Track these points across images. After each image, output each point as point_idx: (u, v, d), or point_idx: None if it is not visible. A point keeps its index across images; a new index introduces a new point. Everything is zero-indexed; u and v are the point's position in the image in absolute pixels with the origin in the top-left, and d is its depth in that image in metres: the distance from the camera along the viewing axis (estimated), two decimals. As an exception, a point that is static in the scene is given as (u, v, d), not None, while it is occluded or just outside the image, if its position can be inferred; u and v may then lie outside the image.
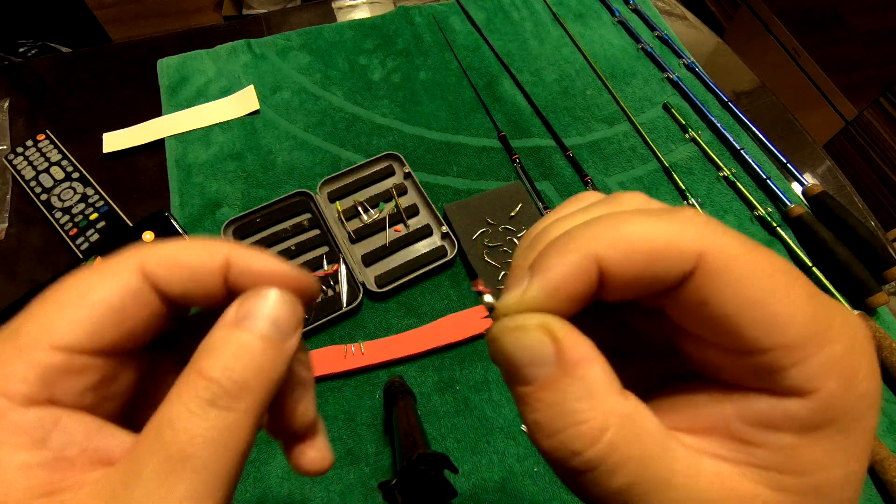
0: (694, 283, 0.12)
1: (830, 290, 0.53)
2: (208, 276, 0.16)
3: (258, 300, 0.15)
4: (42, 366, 0.13)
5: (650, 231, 0.13)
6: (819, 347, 0.12)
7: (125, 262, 0.15)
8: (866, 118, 1.30)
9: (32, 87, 0.69)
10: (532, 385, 0.13)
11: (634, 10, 0.78)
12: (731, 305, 0.12)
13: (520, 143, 0.64)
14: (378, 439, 0.46)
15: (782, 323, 0.12)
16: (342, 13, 0.77)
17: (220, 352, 0.14)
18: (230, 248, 0.16)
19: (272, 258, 0.16)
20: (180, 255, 0.16)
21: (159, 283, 0.15)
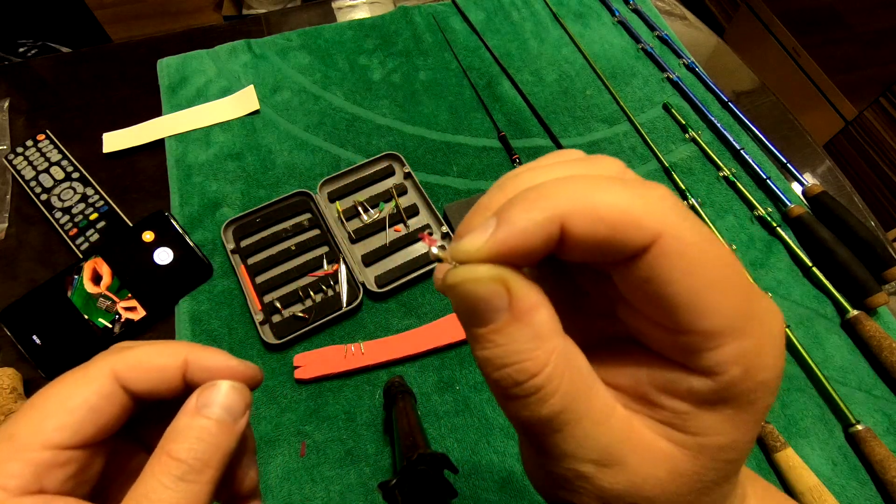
0: (646, 260, 0.13)
1: (830, 290, 0.53)
2: (170, 375, 0.20)
3: (213, 391, 0.19)
4: (35, 463, 0.17)
5: (618, 202, 0.13)
6: (734, 339, 0.13)
7: (99, 368, 0.19)
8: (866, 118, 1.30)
9: (32, 87, 0.69)
10: (485, 327, 0.14)
11: (634, 10, 0.78)
12: (674, 288, 0.13)
13: (520, 143, 0.64)
14: (378, 439, 0.46)
15: (712, 312, 0.13)
16: (342, 13, 0.77)
17: (185, 436, 0.18)
18: (188, 351, 0.20)
19: (222, 356, 0.20)
20: (146, 359, 0.20)
21: (128, 384, 0.19)
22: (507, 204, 0.14)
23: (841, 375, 0.50)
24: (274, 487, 0.44)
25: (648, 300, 0.14)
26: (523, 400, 0.14)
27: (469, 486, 0.44)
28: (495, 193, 0.16)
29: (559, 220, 0.13)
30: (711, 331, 0.13)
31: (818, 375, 0.49)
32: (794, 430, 0.47)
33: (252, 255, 0.54)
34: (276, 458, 0.46)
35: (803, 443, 0.47)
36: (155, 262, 0.54)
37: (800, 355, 0.50)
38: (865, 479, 0.45)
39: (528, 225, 0.13)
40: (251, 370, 0.21)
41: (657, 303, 0.13)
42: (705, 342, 0.13)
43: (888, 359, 0.49)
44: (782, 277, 0.55)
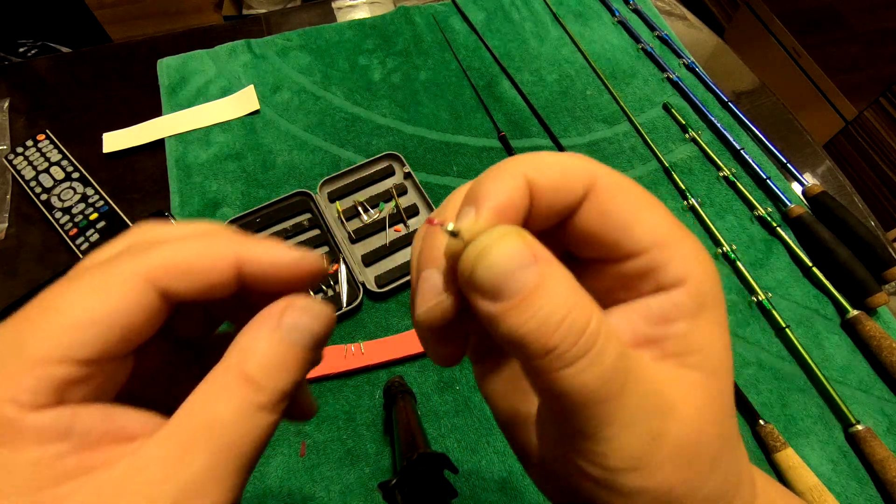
0: (592, 199, 0.15)
1: (830, 290, 0.53)
2: (220, 277, 0.16)
3: (302, 314, 0.16)
4: (50, 378, 0.14)
5: (558, 159, 0.16)
6: (680, 242, 0.15)
7: (131, 270, 0.15)
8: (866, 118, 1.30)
9: (32, 87, 0.69)
10: (521, 292, 0.13)
11: (634, 10, 0.78)
12: (620, 212, 0.15)
13: (520, 143, 0.64)
14: (378, 439, 0.46)
15: (655, 225, 0.15)
16: (342, 13, 0.77)
17: (268, 362, 0.15)
18: (239, 246, 0.16)
19: (280, 249, 0.17)
20: (189, 259, 0.16)
21: (168, 289, 0.16)
22: (475, 185, 0.15)
23: (841, 375, 0.50)
24: (274, 487, 0.44)
25: (604, 234, 0.16)
26: (580, 362, 0.13)
27: (469, 486, 0.44)
28: (454, 197, 0.17)
29: (525, 177, 0.15)
30: (662, 241, 0.15)
31: (818, 375, 0.49)
32: (794, 430, 0.47)
33: (252, 255, 0.54)
34: (276, 458, 0.46)
35: (803, 443, 0.47)
36: (155, 262, 0.54)
37: (800, 355, 0.50)
38: (865, 479, 0.45)
39: (504, 188, 0.15)
40: (316, 263, 0.18)
41: (612, 232, 0.15)
42: (662, 253, 0.15)
43: (888, 359, 0.49)
44: (782, 277, 0.55)
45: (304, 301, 0.16)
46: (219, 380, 0.15)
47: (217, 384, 0.15)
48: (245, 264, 0.16)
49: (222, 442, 0.14)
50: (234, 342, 0.16)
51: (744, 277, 0.54)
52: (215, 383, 0.15)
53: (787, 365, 0.50)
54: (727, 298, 0.54)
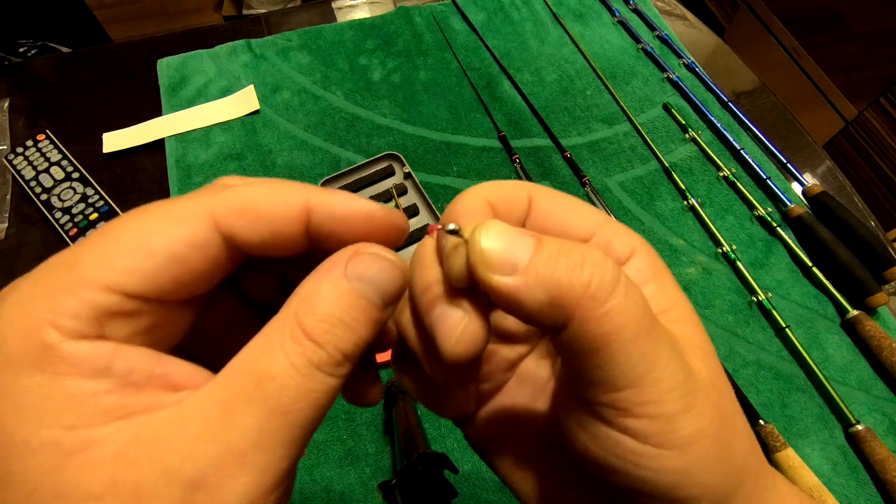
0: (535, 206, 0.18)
1: (830, 290, 0.53)
2: (287, 225, 0.15)
3: (372, 263, 0.15)
4: (94, 305, 0.13)
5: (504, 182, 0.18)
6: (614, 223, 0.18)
7: (195, 206, 0.14)
8: (866, 118, 1.30)
9: (32, 87, 0.69)
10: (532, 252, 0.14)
11: (634, 10, 0.78)
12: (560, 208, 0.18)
13: (520, 143, 0.64)
14: (378, 439, 0.46)
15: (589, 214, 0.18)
16: (342, 13, 0.77)
17: (327, 315, 0.14)
18: (310, 193, 0.15)
19: (355, 200, 0.16)
20: (257, 202, 0.15)
21: (232, 233, 0.14)
22: (447, 211, 0.17)
23: (841, 375, 0.50)
24: (274, 487, 0.44)
25: (554, 230, 0.17)
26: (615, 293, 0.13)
27: (469, 486, 0.44)
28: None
29: (483, 198, 0.17)
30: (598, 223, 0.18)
31: (818, 375, 0.49)
32: (794, 430, 0.47)
33: (252, 255, 0.54)
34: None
35: (803, 443, 0.47)
36: (155, 262, 0.54)
37: (800, 355, 0.50)
38: (865, 479, 0.45)
39: (470, 204, 0.17)
40: (395, 217, 0.16)
41: (559, 226, 0.18)
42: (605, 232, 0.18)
43: (888, 359, 0.49)
44: (782, 277, 0.55)
45: (375, 248, 0.15)
46: (274, 332, 0.14)
47: (272, 337, 0.14)
48: (315, 212, 0.15)
49: (272, 403, 0.13)
50: (295, 291, 0.14)
51: (744, 277, 0.54)
52: (270, 336, 0.14)
53: (787, 365, 0.50)
54: (727, 298, 0.54)
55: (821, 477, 0.44)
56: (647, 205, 0.60)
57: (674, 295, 0.17)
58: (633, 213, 0.59)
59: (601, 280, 0.13)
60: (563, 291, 0.13)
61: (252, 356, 0.13)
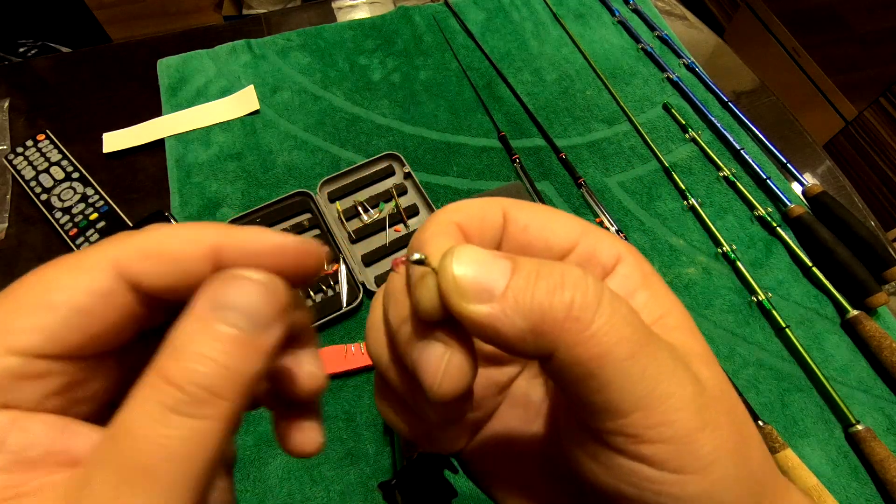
0: (511, 222, 0.17)
1: (830, 290, 0.53)
2: (194, 265, 0.14)
3: (231, 287, 0.13)
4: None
5: (476, 201, 0.17)
6: (597, 230, 0.17)
7: (96, 256, 0.14)
8: (866, 118, 1.30)
9: (32, 87, 0.69)
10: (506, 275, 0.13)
11: (634, 10, 0.78)
12: (537, 221, 0.17)
13: (520, 143, 0.64)
14: (378, 439, 0.46)
15: (569, 223, 0.17)
16: (342, 13, 0.77)
17: (184, 352, 0.12)
18: (217, 232, 0.14)
19: (264, 233, 0.15)
20: (160, 245, 0.14)
21: (137, 279, 0.14)
22: (413, 240, 0.17)
23: (841, 375, 0.50)
24: (274, 487, 0.44)
25: (534, 244, 0.17)
26: (599, 312, 0.13)
27: (469, 486, 0.44)
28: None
29: (453, 223, 0.16)
30: (580, 232, 0.17)
31: (818, 375, 0.49)
32: (794, 430, 0.47)
33: (252, 255, 0.54)
34: (276, 458, 0.46)
35: (803, 443, 0.47)
36: (155, 262, 0.54)
37: (800, 355, 0.50)
38: (865, 479, 0.45)
39: (438, 230, 0.16)
40: (309, 247, 0.15)
41: (539, 240, 0.17)
42: (588, 241, 0.17)
43: (888, 359, 0.49)
44: (782, 277, 0.55)
45: (239, 271, 0.14)
46: (139, 386, 0.12)
47: (136, 391, 0.12)
48: (224, 250, 0.14)
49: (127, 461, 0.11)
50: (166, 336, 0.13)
51: (744, 277, 0.54)
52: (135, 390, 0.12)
53: (787, 365, 0.50)
54: (727, 298, 0.54)
55: (821, 477, 0.44)
56: (647, 205, 0.60)
57: (666, 300, 0.16)
58: (633, 213, 0.59)
59: (583, 300, 0.13)
60: (544, 316, 0.13)
61: (120, 416, 0.12)
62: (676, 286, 0.54)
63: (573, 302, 0.13)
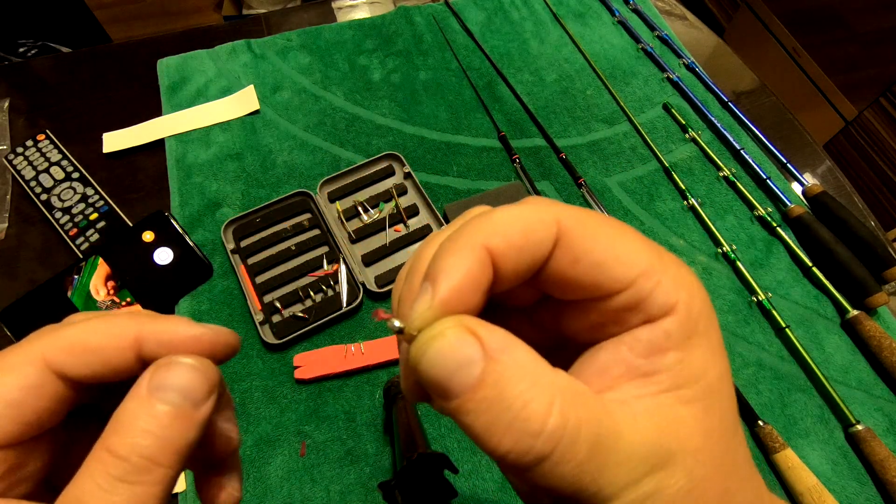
0: (562, 246, 0.14)
1: (830, 290, 0.53)
2: (118, 356, 0.16)
3: (167, 371, 0.15)
4: None
5: (516, 214, 0.15)
6: (663, 271, 0.14)
7: (24, 353, 0.15)
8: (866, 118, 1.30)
9: (32, 87, 0.69)
10: (469, 390, 0.13)
11: (634, 10, 0.78)
12: (594, 254, 0.14)
13: (520, 143, 0.64)
14: (378, 439, 0.46)
15: (634, 257, 0.14)
16: (342, 13, 0.77)
17: (129, 428, 0.14)
18: (139, 324, 0.16)
19: (183, 325, 0.17)
20: (85, 338, 0.16)
21: (64, 370, 0.15)
22: (432, 262, 0.14)
23: (841, 375, 0.50)
24: (274, 487, 0.44)
25: (582, 279, 0.14)
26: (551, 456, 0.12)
27: (469, 486, 0.44)
28: (417, 264, 0.16)
29: (484, 248, 0.14)
30: (643, 271, 0.14)
31: (818, 375, 0.49)
32: (794, 430, 0.47)
33: (252, 256, 0.54)
34: (276, 458, 0.46)
35: (803, 443, 0.47)
36: (155, 262, 0.54)
37: (800, 355, 0.50)
38: (865, 479, 0.45)
39: (462, 264, 0.14)
40: (223, 336, 0.17)
41: (590, 275, 0.14)
42: (645, 284, 0.14)
43: (888, 359, 0.49)
44: (782, 277, 0.55)
45: (175, 357, 0.16)
46: (87, 460, 0.14)
47: (85, 464, 0.14)
48: (145, 342, 0.16)
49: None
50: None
51: (744, 277, 0.54)
52: (85, 463, 0.14)
53: (787, 365, 0.50)
54: (727, 298, 0.54)
55: (821, 477, 0.44)
56: (647, 205, 0.60)
57: (699, 366, 0.14)
58: (633, 213, 0.59)
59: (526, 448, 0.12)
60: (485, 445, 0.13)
61: (68, 487, 0.14)
62: (676, 286, 0.54)
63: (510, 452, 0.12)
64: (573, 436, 0.12)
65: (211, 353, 0.17)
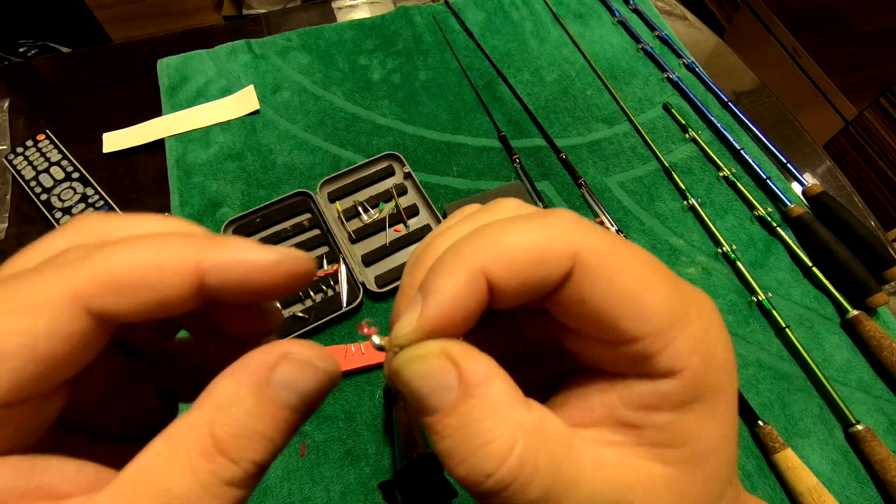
0: (573, 283, 0.13)
1: (830, 290, 0.53)
2: (174, 292, 0.13)
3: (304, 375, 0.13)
4: None
5: (529, 238, 0.13)
6: (680, 331, 0.13)
7: (56, 287, 0.12)
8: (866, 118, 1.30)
9: (32, 87, 0.69)
10: (438, 413, 0.13)
11: (634, 10, 0.78)
12: (606, 300, 0.13)
13: (520, 143, 0.64)
14: (378, 439, 0.46)
15: (649, 313, 0.13)
16: (342, 13, 0.77)
17: (249, 431, 0.12)
18: (198, 249, 0.13)
19: (252, 250, 0.13)
20: (133, 270, 0.12)
21: (104, 310, 0.12)
22: (428, 274, 0.14)
23: (841, 375, 0.50)
24: (274, 487, 0.44)
25: (588, 321, 0.13)
26: (504, 493, 0.12)
27: (469, 486, 0.44)
28: (415, 269, 0.15)
29: (481, 272, 0.13)
30: (656, 330, 0.13)
31: (818, 375, 0.49)
32: (794, 431, 0.47)
33: (252, 255, 0.54)
34: (276, 458, 0.45)
35: (803, 443, 0.47)
36: (155, 262, 0.54)
37: (800, 355, 0.50)
38: (865, 479, 0.45)
39: (454, 286, 0.13)
40: (301, 264, 0.14)
41: (596, 320, 0.13)
42: (655, 344, 0.13)
43: (888, 359, 0.49)
44: (782, 277, 0.55)
45: (305, 351, 0.13)
46: (181, 445, 0.12)
47: (178, 450, 0.12)
48: (209, 273, 0.13)
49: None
50: (207, 393, 0.12)
51: (744, 277, 0.54)
52: (176, 448, 0.12)
53: (787, 365, 0.50)
54: (727, 298, 0.54)
55: (821, 477, 0.44)
56: (647, 205, 0.60)
57: (692, 431, 0.13)
58: (633, 213, 0.59)
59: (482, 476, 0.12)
60: (445, 462, 0.13)
61: (156, 470, 0.12)
62: (676, 286, 0.54)
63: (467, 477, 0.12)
64: (528, 478, 0.12)
65: (287, 285, 0.14)
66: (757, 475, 0.45)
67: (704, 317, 0.13)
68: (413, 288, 0.14)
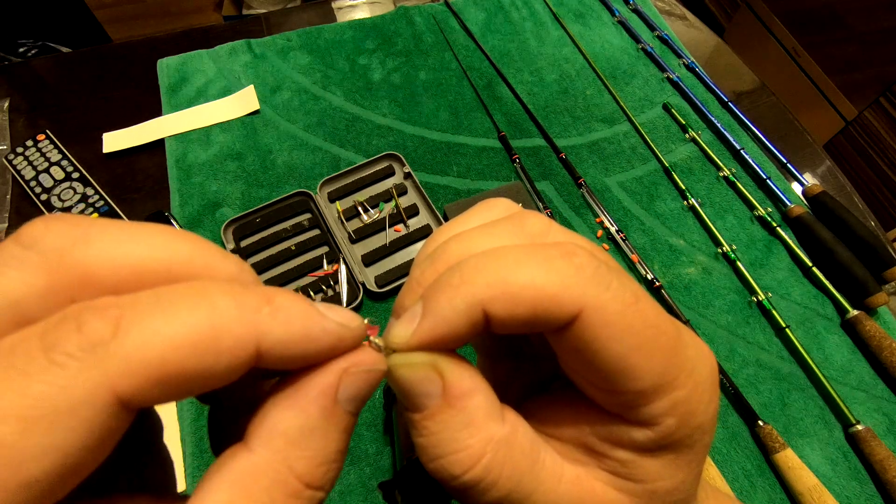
0: (572, 331, 0.13)
1: (830, 290, 0.53)
2: (225, 377, 0.11)
3: (366, 383, 0.13)
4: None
5: (538, 283, 0.13)
6: (665, 393, 0.13)
7: (91, 386, 0.10)
8: (866, 118, 1.30)
9: (32, 87, 0.69)
10: (420, 413, 0.14)
11: (634, 10, 0.78)
12: (599, 357, 0.13)
13: (520, 143, 0.64)
14: (378, 439, 0.46)
15: (640, 374, 0.13)
16: (342, 13, 0.77)
17: (328, 455, 0.12)
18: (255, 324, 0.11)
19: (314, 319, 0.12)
20: (183, 361, 0.10)
21: (144, 403, 0.10)
22: (432, 288, 0.14)
23: (841, 375, 0.50)
24: (274, 487, 0.44)
25: (578, 362, 0.14)
26: (466, 492, 0.13)
27: (469, 486, 0.44)
28: (426, 267, 0.15)
29: (480, 307, 0.13)
30: (642, 390, 0.13)
31: (818, 375, 0.49)
32: (794, 430, 0.47)
33: (252, 255, 0.54)
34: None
35: (803, 443, 0.47)
36: (155, 262, 0.54)
37: (800, 355, 0.50)
38: (865, 479, 0.45)
39: (450, 314, 0.13)
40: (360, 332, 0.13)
41: (586, 366, 0.14)
42: (638, 400, 0.13)
43: (888, 359, 0.49)
44: (782, 277, 0.55)
45: (365, 359, 0.13)
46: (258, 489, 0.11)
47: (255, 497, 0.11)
48: (268, 351, 0.11)
49: None
50: (266, 419, 0.12)
51: (744, 277, 0.54)
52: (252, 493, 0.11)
53: (787, 365, 0.50)
54: (727, 298, 0.54)
55: (821, 477, 0.44)
56: (647, 205, 0.60)
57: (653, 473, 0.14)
58: (633, 213, 0.59)
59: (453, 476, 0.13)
60: (421, 456, 0.14)
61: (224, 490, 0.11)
62: (676, 286, 0.54)
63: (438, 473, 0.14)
64: (489, 485, 0.13)
65: (339, 352, 0.13)
66: (757, 475, 0.45)
67: (693, 383, 0.14)
68: (421, 286, 0.15)
